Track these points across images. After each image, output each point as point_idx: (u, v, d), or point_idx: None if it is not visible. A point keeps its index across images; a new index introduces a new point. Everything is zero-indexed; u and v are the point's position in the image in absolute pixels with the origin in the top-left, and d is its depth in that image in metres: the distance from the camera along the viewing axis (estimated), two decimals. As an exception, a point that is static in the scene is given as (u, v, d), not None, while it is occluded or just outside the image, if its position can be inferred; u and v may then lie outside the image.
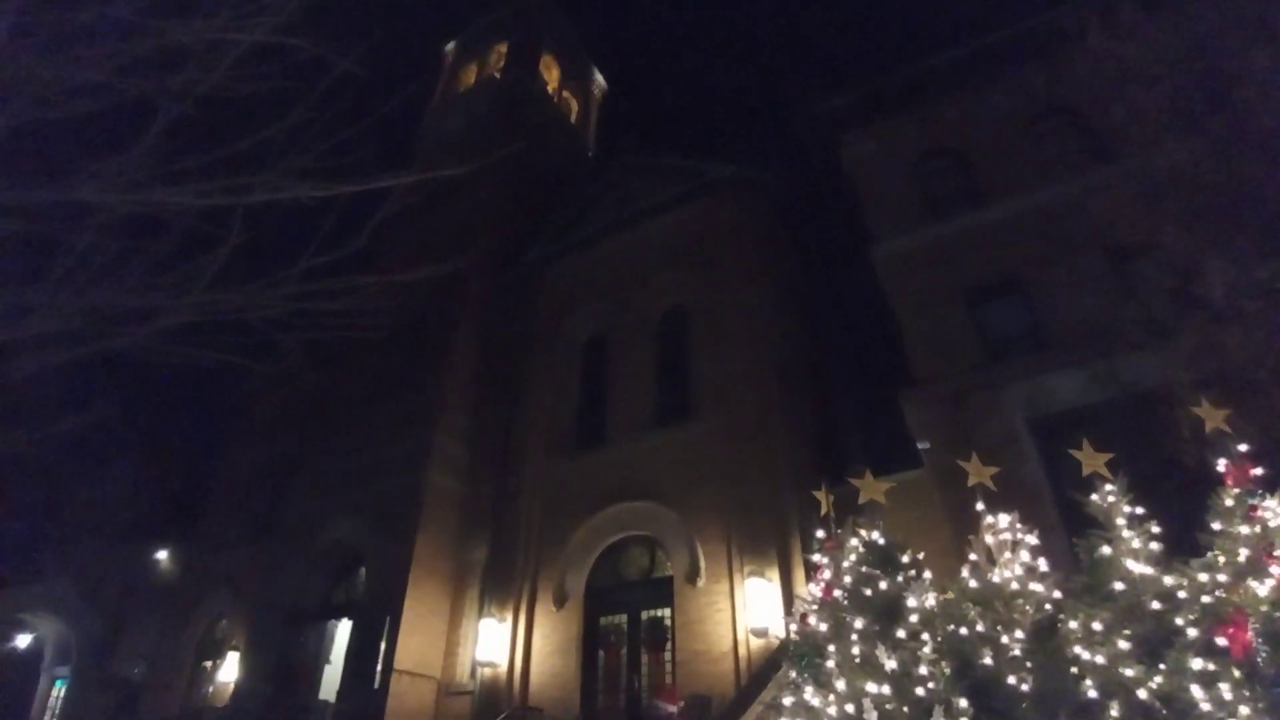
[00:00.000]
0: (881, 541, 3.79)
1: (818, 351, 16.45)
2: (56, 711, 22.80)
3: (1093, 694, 2.96)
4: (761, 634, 11.51)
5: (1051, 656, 3.13)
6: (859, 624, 3.36)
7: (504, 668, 13.54)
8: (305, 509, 17.09)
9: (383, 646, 13.57)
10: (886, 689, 3.20)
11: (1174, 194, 7.14)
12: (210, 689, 17.60)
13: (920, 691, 3.13)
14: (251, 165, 4.98)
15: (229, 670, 16.51)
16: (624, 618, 13.68)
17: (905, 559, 3.68)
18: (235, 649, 16.70)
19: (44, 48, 4.54)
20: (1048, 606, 3.28)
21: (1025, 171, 11.00)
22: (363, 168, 5.52)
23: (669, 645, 12.75)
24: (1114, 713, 2.86)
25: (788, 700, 3.64)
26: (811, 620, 3.80)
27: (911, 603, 3.39)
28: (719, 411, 13.93)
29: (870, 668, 3.27)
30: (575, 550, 14.28)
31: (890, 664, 3.21)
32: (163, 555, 22.33)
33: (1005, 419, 7.83)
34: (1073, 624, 3.17)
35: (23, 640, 23.60)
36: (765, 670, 10.56)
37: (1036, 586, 3.42)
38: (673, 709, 7.59)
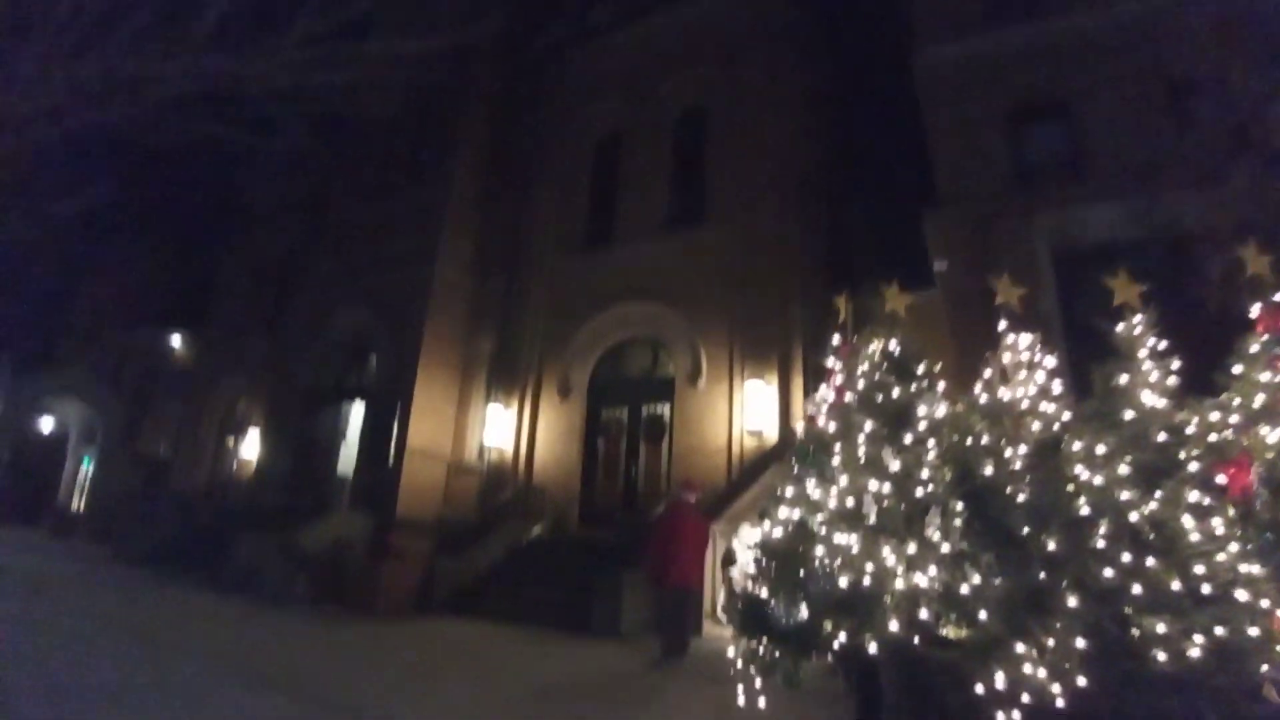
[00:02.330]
0: (898, 350, 3.81)
1: (839, 162, 15.76)
2: (85, 488, 24.55)
3: (1085, 511, 3.06)
4: (756, 434, 12.11)
5: (1050, 473, 3.22)
6: (868, 427, 3.45)
7: (510, 451, 14.41)
8: (315, 297, 17.29)
9: (395, 428, 14.34)
10: (888, 488, 3.34)
11: (1249, 27, 6.44)
12: (234, 464, 18.82)
13: (920, 493, 3.26)
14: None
15: (250, 447, 17.57)
16: (625, 411, 14.32)
17: (920, 369, 3.71)
18: (255, 426, 17.67)
19: None
20: (1056, 427, 3.35)
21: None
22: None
23: (666, 439, 13.47)
24: (1102, 530, 2.99)
25: (789, 490, 3.81)
26: (820, 421, 3.91)
27: (921, 411, 3.46)
28: (733, 217, 13.63)
29: (874, 467, 3.39)
30: (580, 345, 14.64)
31: (894, 465, 3.33)
32: (178, 340, 22.94)
33: (1030, 247, 7.59)
34: (1076, 445, 3.24)
35: (46, 424, 24.85)
36: (757, 467, 11.26)
37: (1047, 407, 3.47)
38: (692, 498, 8.32)
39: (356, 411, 16.27)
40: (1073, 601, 2.96)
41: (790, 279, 12.84)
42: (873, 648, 3.15)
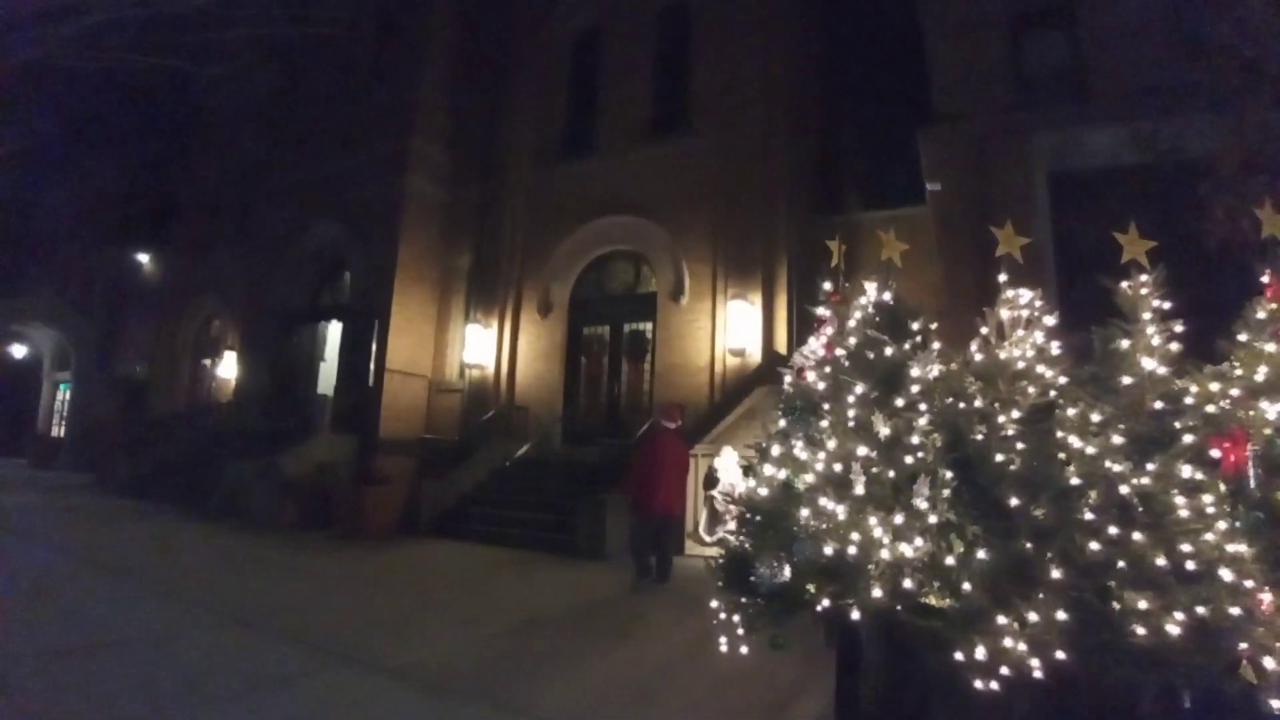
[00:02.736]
0: (893, 304, 3.63)
1: (831, 71, 15.01)
2: (64, 414, 24.15)
3: (1075, 481, 2.99)
4: (739, 354, 12.05)
5: (1042, 440, 3.13)
6: (859, 389, 3.31)
7: (491, 370, 14.30)
8: (281, 214, 16.61)
9: (374, 347, 14.11)
10: (876, 454, 3.24)
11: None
12: (212, 385, 18.54)
13: (909, 460, 3.17)
14: None
15: (228, 368, 17.28)
16: (606, 329, 14.19)
17: (915, 326, 3.53)
18: (231, 349, 17.34)
19: None
20: (1054, 393, 3.22)
21: None
22: None
23: (649, 357, 13.40)
24: (1090, 502, 2.92)
25: (775, 449, 3.72)
26: (810, 376, 3.76)
27: (914, 372, 3.32)
28: (718, 126, 13.09)
29: (863, 432, 3.28)
30: (560, 261, 14.33)
31: (884, 430, 3.22)
32: (144, 259, 22.13)
33: (1026, 170, 7.25)
34: (1070, 411, 3.14)
35: (19, 350, 24.17)
36: (741, 388, 11.24)
37: (1043, 370, 3.34)
38: (672, 425, 8.22)
39: (334, 331, 15.99)
40: (1056, 574, 2.92)
41: (777, 193, 12.46)
42: (855, 614, 3.13)
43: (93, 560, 7.64)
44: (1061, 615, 2.83)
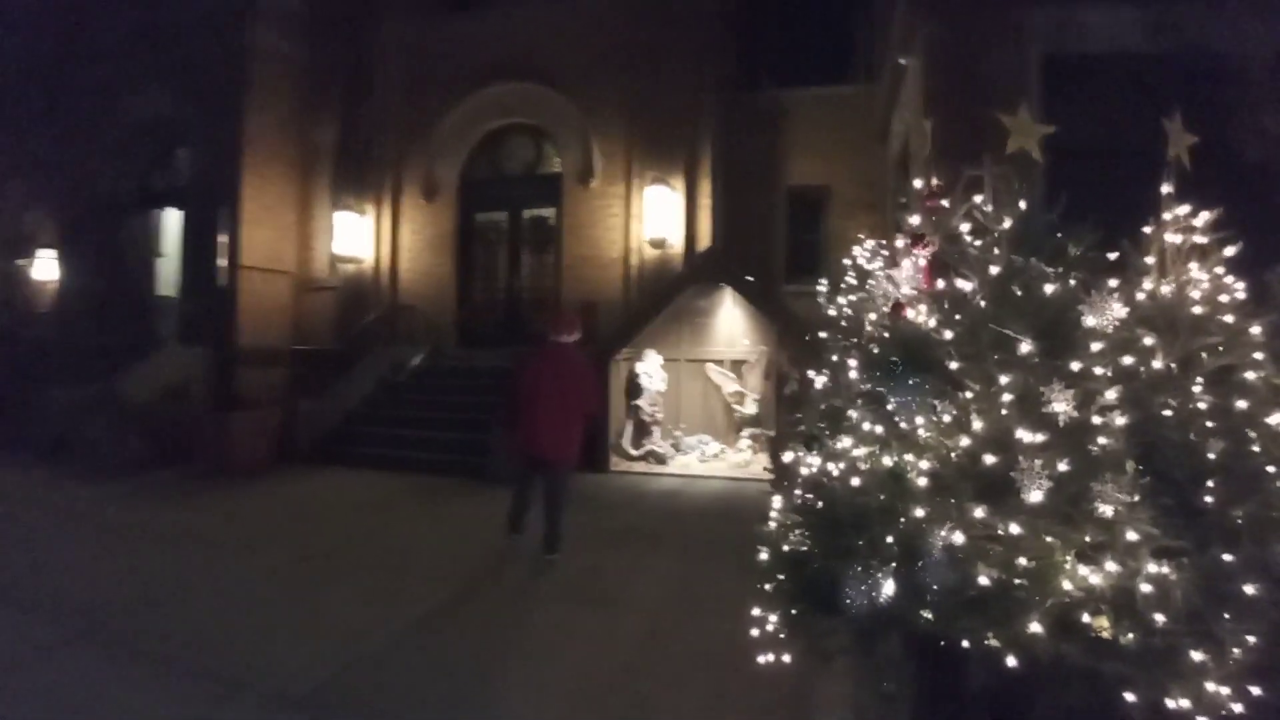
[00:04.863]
0: (1049, 218, 2.63)
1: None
2: None
3: (1270, 469, 2.29)
4: (659, 245, 10.97)
5: (1235, 415, 2.37)
6: (1024, 348, 2.34)
7: (369, 264, 12.43)
8: (98, 76, 13.11)
9: (224, 240, 11.73)
10: (1041, 437, 2.32)
11: None
12: (29, 290, 15.12)
13: (1093, 450, 2.28)
14: None
15: (47, 269, 14.08)
16: (504, 215, 12.69)
17: (1075, 249, 2.54)
18: (49, 246, 14.09)
19: None
20: (1258, 354, 2.43)
21: None
22: None
23: (554, 248, 12.06)
24: None
25: (860, 416, 2.76)
26: (914, 315, 2.74)
27: (1089, 321, 2.38)
28: (631, -19, 11.37)
29: (1029, 408, 2.34)
30: (447, 136, 12.44)
31: (1061, 408, 2.28)
32: None
33: (1019, 49, 6.29)
34: (1254, 375, 2.39)
35: None
36: (664, 284, 10.21)
37: (1228, 317, 2.52)
38: (568, 339, 5.81)
39: (172, 221, 13.23)
40: (1251, 589, 2.17)
41: (697, 61, 11.09)
42: (1010, 659, 2.31)
43: None
44: (1252, 639, 2.19)
